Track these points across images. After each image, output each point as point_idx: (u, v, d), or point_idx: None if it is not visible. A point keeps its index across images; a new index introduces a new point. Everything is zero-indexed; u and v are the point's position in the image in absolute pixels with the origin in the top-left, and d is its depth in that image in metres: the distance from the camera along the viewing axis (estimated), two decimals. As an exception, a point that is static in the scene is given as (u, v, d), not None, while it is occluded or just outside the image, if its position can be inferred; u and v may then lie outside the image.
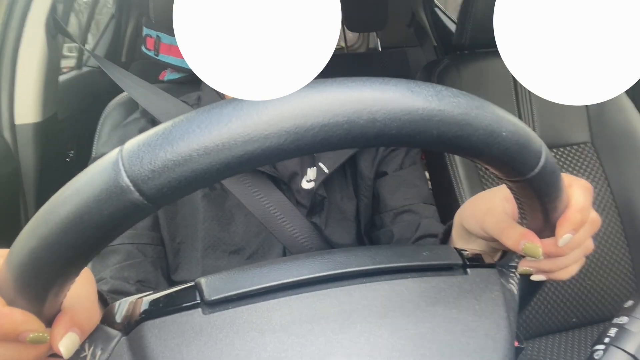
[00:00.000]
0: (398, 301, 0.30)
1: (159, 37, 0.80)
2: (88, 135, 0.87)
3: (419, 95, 0.23)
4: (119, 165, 0.21)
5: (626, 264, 1.10)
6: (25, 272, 0.23)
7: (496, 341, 0.30)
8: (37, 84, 1.19)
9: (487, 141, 0.24)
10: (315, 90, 0.22)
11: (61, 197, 0.22)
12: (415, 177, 0.69)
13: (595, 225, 0.36)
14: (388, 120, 0.22)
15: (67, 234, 0.22)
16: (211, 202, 0.63)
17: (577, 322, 1.09)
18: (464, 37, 1.12)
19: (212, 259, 0.62)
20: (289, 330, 0.28)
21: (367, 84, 0.23)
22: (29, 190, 1.20)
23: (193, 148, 0.21)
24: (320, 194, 0.64)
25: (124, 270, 0.59)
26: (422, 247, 0.34)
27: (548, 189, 0.29)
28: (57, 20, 1.18)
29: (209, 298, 0.29)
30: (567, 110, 1.13)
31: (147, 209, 0.22)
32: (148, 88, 0.72)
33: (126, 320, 0.29)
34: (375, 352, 0.28)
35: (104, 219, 0.22)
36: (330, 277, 0.30)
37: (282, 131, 0.21)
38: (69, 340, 0.27)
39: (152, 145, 0.21)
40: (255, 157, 0.22)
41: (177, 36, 0.23)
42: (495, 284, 0.33)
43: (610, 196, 1.12)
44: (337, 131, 0.22)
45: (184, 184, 0.21)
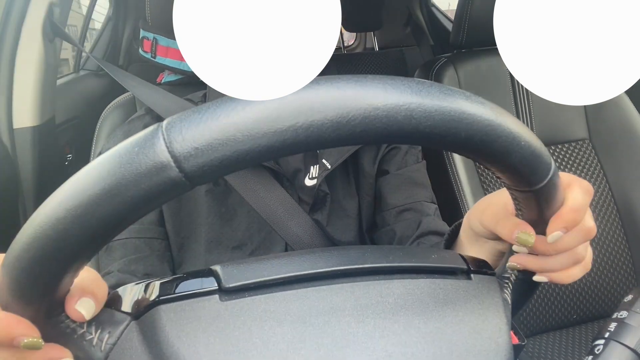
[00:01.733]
0: (410, 300, 0.31)
1: (155, 39, 0.80)
2: (86, 138, 0.87)
3: (451, 96, 0.24)
4: (161, 141, 0.21)
5: (625, 259, 1.10)
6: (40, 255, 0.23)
7: (499, 344, 0.31)
8: (35, 87, 1.19)
9: (508, 149, 0.25)
10: (356, 83, 0.23)
11: (92, 169, 0.22)
12: (417, 176, 0.69)
13: (589, 233, 0.36)
14: (423, 118, 0.23)
15: (99, 207, 0.21)
16: (214, 198, 0.63)
17: (578, 319, 1.09)
18: (460, 36, 1.12)
19: (214, 254, 0.62)
20: (306, 321, 0.28)
21: (406, 83, 0.23)
22: (28, 194, 1.19)
23: (238, 129, 0.21)
24: (323, 190, 0.65)
25: (131, 264, 0.59)
26: (431, 250, 0.35)
27: (549, 201, 0.30)
28: (54, 24, 1.18)
29: (226, 285, 0.29)
30: (564, 107, 1.14)
31: (185, 187, 0.22)
32: (150, 88, 0.73)
33: (136, 304, 0.29)
34: (388, 347, 0.29)
35: (140, 193, 0.21)
36: (346, 272, 0.31)
37: (326, 119, 0.21)
38: (84, 303, 0.27)
39: (195, 122, 0.21)
40: (297, 143, 0.22)
41: (177, 36, 0.23)
42: (496, 290, 0.34)
43: (609, 192, 1.12)
44: (376, 124, 0.22)
45: (225, 164, 0.21)
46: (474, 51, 1.16)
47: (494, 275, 0.35)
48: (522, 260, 0.37)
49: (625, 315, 0.35)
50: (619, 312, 0.36)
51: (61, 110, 1.39)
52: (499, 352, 0.31)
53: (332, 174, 0.66)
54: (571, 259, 0.36)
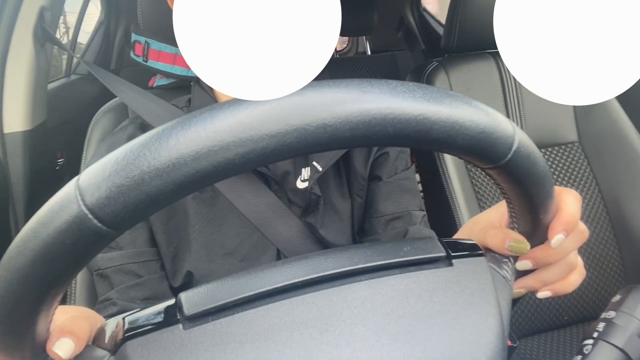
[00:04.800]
0: (379, 300, 0.30)
1: (147, 43, 0.80)
2: (78, 143, 0.86)
3: (370, 94, 0.23)
4: (77, 195, 0.22)
5: (615, 261, 1.11)
6: (1, 313, 0.24)
7: (484, 331, 0.30)
8: (25, 92, 1.18)
9: (449, 133, 0.24)
10: (257, 104, 0.23)
11: (26, 231, 0.23)
12: (407, 183, 0.69)
13: (583, 235, 0.37)
14: (339, 124, 0.23)
15: (37, 266, 0.22)
16: (201, 204, 0.63)
17: (569, 320, 1.10)
18: (451, 40, 1.13)
19: (205, 261, 0.61)
20: (267, 339, 0.28)
21: (317, 88, 0.23)
22: (19, 198, 1.19)
23: (144, 171, 0.21)
24: (315, 193, 0.64)
25: (130, 291, 0.59)
26: (403, 242, 0.33)
27: (527, 174, 0.28)
28: (45, 28, 1.18)
29: (188, 313, 0.29)
30: (555, 110, 1.15)
31: (109, 235, 0.22)
32: (139, 93, 0.72)
33: (113, 339, 0.29)
34: (356, 354, 0.28)
35: (67, 249, 0.22)
36: (308, 282, 0.30)
37: (231, 145, 0.22)
38: (62, 343, 0.28)
39: (106, 171, 0.22)
40: (207, 174, 0.22)
41: (177, 36, 0.23)
42: (483, 272, 0.32)
43: (599, 194, 1.13)
44: (287, 139, 0.22)
45: (140, 207, 0.22)
46: (465, 55, 1.17)
47: (482, 256, 0.33)
48: (523, 284, 0.38)
49: (614, 315, 0.36)
50: (607, 312, 0.36)
51: (52, 114, 1.38)
52: (483, 339, 0.29)
53: (324, 176, 0.65)
54: (567, 266, 0.37)
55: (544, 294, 0.38)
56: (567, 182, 1.13)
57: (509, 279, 0.34)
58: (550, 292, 0.38)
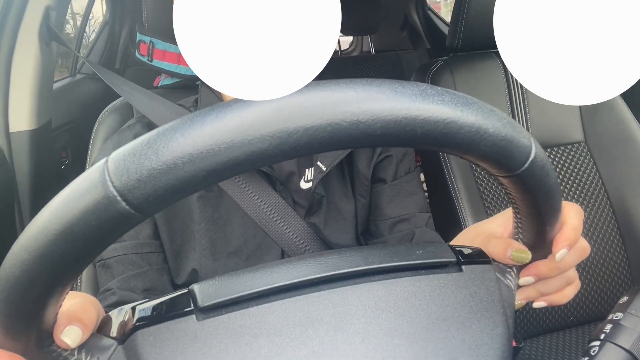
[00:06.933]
0: (392, 301, 0.30)
1: (152, 42, 0.80)
2: (83, 142, 0.87)
3: (402, 95, 0.23)
4: (105, 176, 0.21)
5: (621, 262, 1.11)
6: (13, 295, 0.23)
7: (492, 337, 0.30)
8: (31, 91, 1.19)
9: (474, 138, 0.25)
10: (298, 94, 0.23)
11: (48, 211, 0.22)
12: (411, 186, 0.69)
13: (584, 252, 0.37)
14: (371, 121, 0.23)
15: (57, 246, 0.22)
16: (207, 204, 0.63)
17: (575, 321, 1.09)
18: (456, 39, 1.12)
19: (209, 260, 0.62)
20: (282, 334, 0.28)
21: (351, 85, 0.23)
22: (24, 198, 1.19)
23: (177, 156, 0.21)
24: (319, 193, 0.64)
25: (130, 281, 0.59)
26: (416, 245, 0.34)
27: (540, 185, 0.29)
28: (50, 28, 1.18)
29: (202, 304, 0.29)
30: (560, 110, 1.14)
31: (135, 219, 0.22)
32: (144, 93, 0.73)
33: (122, 329, 0.29)
34: (369, 353, 0.28)
35: (92, 230, 0.22)
36: (323, 280, 0.30)
37: (266, 136, 0.22)
38: (70, 330, 0.27)
39: (137, 155, 0.22)
40: (239, 163, 0.22)
41: (177, 36, 0.23)
42: (490, 280, 0.33)
43: (605, 195, 1.13)
44: (321, 134, 0.22)
45: (170, 192, 0.22)
46: (470, 54, 1.16)
47: (489, 263, 0.35)
48: (524, 295, 0.38)
49: (621, 316, 0.35)
50: (614, 314, 0.36)
51: (58, 114, 1.38)
52: (492, 346, 0.30)
53: (328, 176, 0.65)
54: (564, 280, 0.38)
55: (540, 304, 0.39)
56: (573, 183, 1.13)
57: (513, 288, 0.35)
58: (545, 303, 0.39)
